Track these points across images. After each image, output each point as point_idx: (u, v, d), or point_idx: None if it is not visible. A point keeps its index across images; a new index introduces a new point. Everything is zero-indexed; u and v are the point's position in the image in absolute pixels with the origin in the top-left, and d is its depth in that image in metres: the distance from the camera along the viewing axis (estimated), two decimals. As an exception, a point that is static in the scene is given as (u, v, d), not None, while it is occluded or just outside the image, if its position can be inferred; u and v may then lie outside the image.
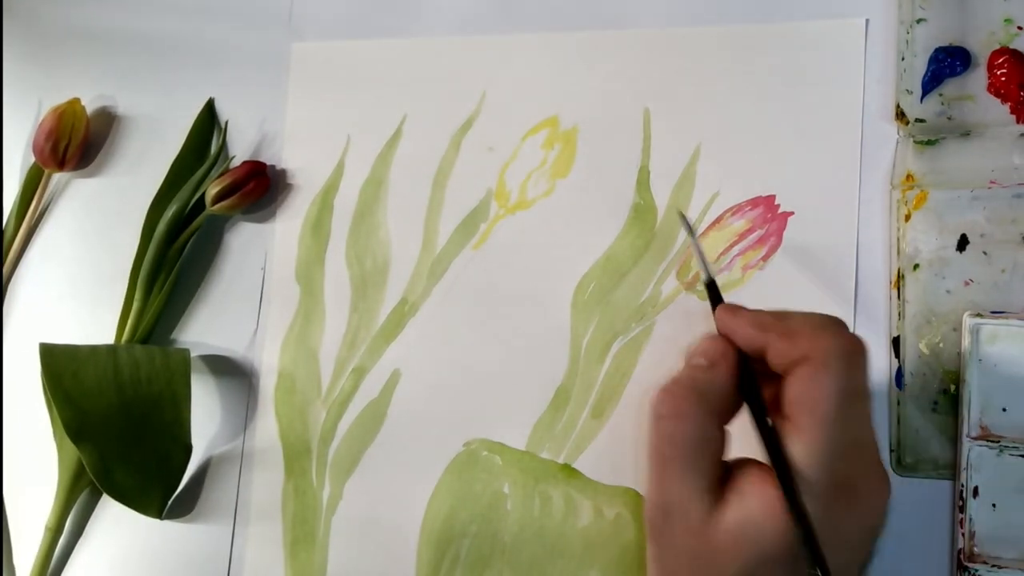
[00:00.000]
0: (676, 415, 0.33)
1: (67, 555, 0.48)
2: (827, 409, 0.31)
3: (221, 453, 0.48)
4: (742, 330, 0.34)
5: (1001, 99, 0.40)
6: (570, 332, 0.44)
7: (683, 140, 0.44)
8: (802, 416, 0.32)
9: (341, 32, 0.50)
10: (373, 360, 0.46)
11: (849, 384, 0.32)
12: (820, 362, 0.32)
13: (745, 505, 0.32)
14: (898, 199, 0.41)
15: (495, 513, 0.43)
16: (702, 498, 0.33)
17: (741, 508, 0.32)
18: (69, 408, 0.43)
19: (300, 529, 0.46)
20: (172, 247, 0.49)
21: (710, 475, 0.33)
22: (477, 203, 0.47)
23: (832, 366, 0.32)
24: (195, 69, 0.52)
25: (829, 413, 0.31)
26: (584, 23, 0.47)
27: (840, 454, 0.31)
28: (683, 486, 0.33)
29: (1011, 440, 0.37)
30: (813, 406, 0.31)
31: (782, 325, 0.33)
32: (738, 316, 0.35)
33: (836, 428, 0.31)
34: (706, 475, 0.33)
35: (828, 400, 0.31)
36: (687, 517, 0.33)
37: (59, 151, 0.51)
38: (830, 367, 0.32)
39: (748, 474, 0.33)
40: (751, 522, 0.32)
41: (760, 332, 0.33)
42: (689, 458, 0.33)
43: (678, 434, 0.33)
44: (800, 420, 0.32)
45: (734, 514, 0.32)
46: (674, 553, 0.34)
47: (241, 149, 0.51)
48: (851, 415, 0.32)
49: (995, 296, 0.39)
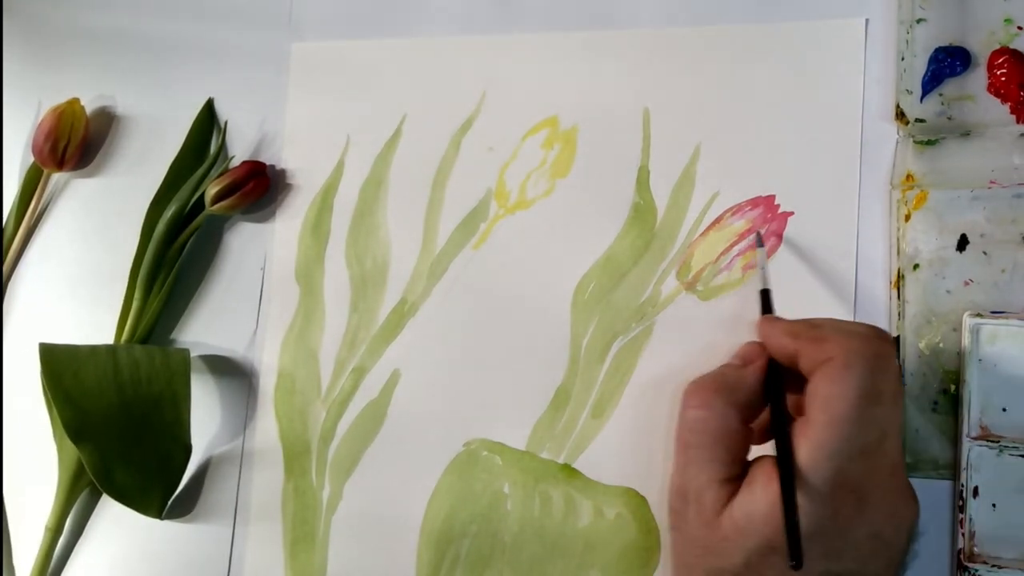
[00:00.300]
0: (702, 405, 0.34)
1: (67, 555, 0.48)
2: (841, 408, 0.31)
3: (221, 453, 0.48)
4: (776, 338, 0.36)
5: (1001, 99, 0.40)
6: (570, 332, 0.44)
7: (683, 140, 0.44)
8: (815, 415, 0.32)
9: (341, 32, 0.50)
10: (373, 360, 0.46)
11: (869, 387, 0.32)
12: (842, 362, 0.32)
13: (753, 497, 0.33)
14: (898, 199, 0.41)
15: (495, 513, 0.43)
16: (717, 488, 0.34)
17: (748, 499, 0.33)
18: (69, 408, 0.43)
19: (300, 529, 0.46)
20: (172, 247, 0.49)
21: (729, 467, 0.34)
22: (477, 203, 0.47)
23: (853, 367, 0.32)
24: (195, 69, 0.52)
25: (842, 412, 0.31)
26: (584, 23, 0.47)
27: (850, 456, 0.31)
28: (701, 473, 0.34)
29: (1011, 440, 0.37)
30: (826, 403, 0.32)
31: (813, 332, 0.34)
32: (774, 325, 0.36)
33: (848, 428, 0.31)
34: (725, 467, 0.34)
35: (843, 399, 0.31)
36: (702, 505, 0.34)
37: (58, 151, 0.51)
38: (851, 367, 0.32)
39: (761, 469, 0.33)
40: (756, 513, 0.32)
41: (792, 340, 0.35)
42: (710, 447, 0.34)
43: (702, 423, 0.34)
44: (813, 416, 0.32)
45: (741, 505, 0.33)
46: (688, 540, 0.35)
47: (241, 149, 0.51)
48: (867, 418, 0.32)
49: (995, 296, 0.39)
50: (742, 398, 0.35)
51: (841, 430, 0.31)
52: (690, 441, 0.35)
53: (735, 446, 0.34)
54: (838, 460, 0.31)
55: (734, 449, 0.34)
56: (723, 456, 0.34)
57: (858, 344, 0.32)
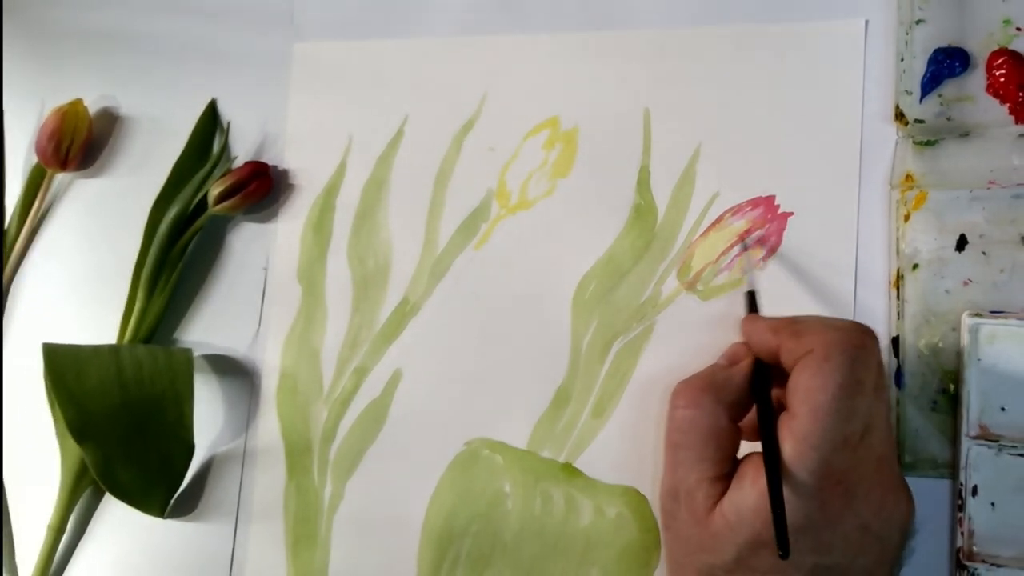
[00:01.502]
0: (690, 405, 0.35)
1: (69, 554, 0.48)
2: (822, 400, 0.32)
3: (223, 452, 0.48)
4: (758, 335, 0.36)
5: (1000, 100, 0.40)
6: (571, 332, 0.44)
7: (683, 140, 0.45)
8: (796, 404, 0.32)
9: (343, 33, 0.51)
10: (375, 360, 0.47)
11: (849, 377, 0.32)
12: (821, 354, 0.32)
13: (742, 493, 0.33)
14: (897, 199, 0.41)
15: (496, 512, 0.43)
16: (708, 486, 0.34)
17: (737, 495, 0.33)
18: (72, 408, 0.43)
19: (302, 528, 0.46)
20: (174, 247, 0.49)
21: (718, 465, 0.34)
22: (478, 203, 0.47)
23: (833, 358, 0.32)
24: (198, 70, 0.52)
25: (824, 404, 0.32)
26: (584, 23, 0.47)
27: (834, 447, 0.32)
28: (691, 473, 0.34)
29: (1010, 439, 0.37)
30: (807, 395, 0.32)
31: (794, 327, 0.34)
32: (756, 323, 0.37)
33: (830, 420, 0.31)
34: (715, 465, 0.34)
35: (824, 391, 0.32)
36: (693, 504, 0.34)
37: (62, 151, 0.51)
38: (831, 359, 0.32)
39: (749, 465, 0.34)
40: (745, 509, 0.33)
41: (773, 335, 0.35)
42: (699, 446, 0.34)
43: (691, 423, 0.35)
44: (795, 409, 0.32)
45: (730, 501, 0.33)
46: (680, 539, 0.35)
47: (243, 149, 0.51)
48: (849, 408, 0.32)
49: (994, 296, 0.39)
50: (730, 396, 0.35)
51: (823, 421, 0.31)
52: (680, 441, 0.35)
53: (724, 444, 0.35)
54: (822, 451, 0.31)
55: (723, 447, 0.35)
56: (713, 455, 0.34)
57: (837, 336, 0.33)
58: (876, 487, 0.33)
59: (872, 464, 0.33)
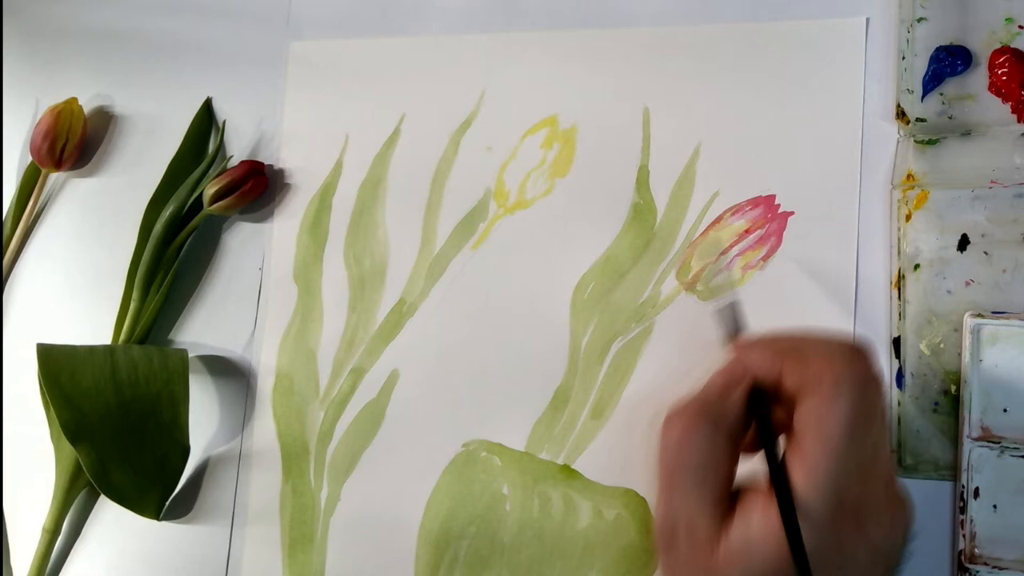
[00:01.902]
0: (686, 434, 0.33)
1: (64, 557, 0.48)
2: (834, 435, 0.31)
3: (219, 454, 0.47)
4: (758, 357, 0.34)
5: (1002, 98, 0.40)
6: (569, 332, 0.44)
7: (683, 140, 0.44)
8: (808, 440, 0.31)
9: (339, 31, 0.50)
10: (371, 360, 0.46)
11: (859, 411, 0.31)
12: (831, 388, 0.31)
13: (747, 525, 0.32)
14: (899, 199, 0.40)
15: (494, 514, 0.43)
16: (709, 516, 0.33)
17: (743, 527, 0.32)
18: (67, 409, 0.43)
19: (298, 530, 0.45)
20: (170, 247, 0.49)
21: (718, 494, 0.33)
22: (476, 203, 0.47)
23: (843, 393, 0.31)
24: (193, 68, 0.52)
25: (836, 439, 0.31)
26: (584, 23, 0.47)
27: (847, 479, 0.31)
28: (690, 503, 0.33)
29: (1012, 441, 0.37)
30: (819, 431, 0.31)
31: (797, 351, 0.33)
32: (755, 344, 0.35)
33: (842, 454, 0.31)
34: (714, 494, 0.33)
35: (836, 426, 0.31)
36: (693, 534, 0.33)
37: (56, 150, 0.51)
38: (841, 393, 0.31)
39: (754, 496, 0.33)
40: (752, 541, 0.32)
41: (775, 359, 0.34)
42: (698, 476, 0.33)
43: (687, 452, 0.33)
44: (806, 444, 0.31)
45: (736, 533, 0.32)
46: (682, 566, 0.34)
47: (239, 149, 0.51)
48: (859, 441, 0.31)
49: (996, 296, 0.39)
50: (726, 426, 0.34)
51: (836, 457, 0.31)
52: (677, 472, 0.33)
53: (723, 473, 0.33)
54: (835, 485, 0.31)
55: (722, 476, 0.33)
56: (711, 484, 0.33)
57: (845, 367, 0.32)
58: (883, 508, 0.33)
59: (880, 486, 0.33)
